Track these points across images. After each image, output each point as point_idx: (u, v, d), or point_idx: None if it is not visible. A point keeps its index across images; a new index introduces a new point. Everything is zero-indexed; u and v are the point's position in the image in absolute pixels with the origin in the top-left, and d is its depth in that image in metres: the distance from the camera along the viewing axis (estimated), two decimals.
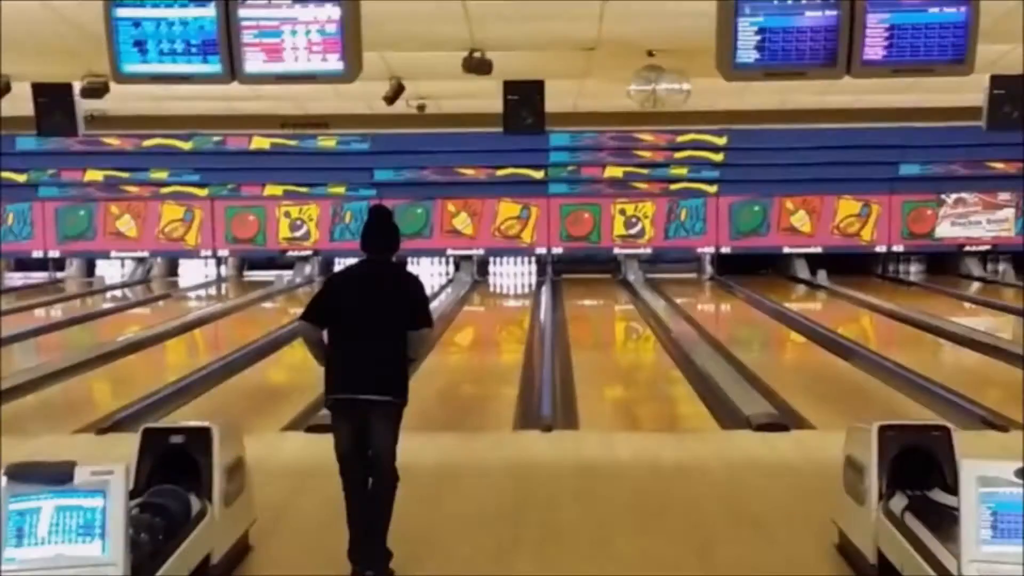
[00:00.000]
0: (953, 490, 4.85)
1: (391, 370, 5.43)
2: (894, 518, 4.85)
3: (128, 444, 5.45)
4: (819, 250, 22.15)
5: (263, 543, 5.78)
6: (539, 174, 21.98)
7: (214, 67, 6.13)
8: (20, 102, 11.25)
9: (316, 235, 22.56)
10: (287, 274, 22.37)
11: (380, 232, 5.65)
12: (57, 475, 3.98)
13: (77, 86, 10.80)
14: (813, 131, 18.61)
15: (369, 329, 5.41)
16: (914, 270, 23.14)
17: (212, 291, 21.86)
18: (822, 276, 21.22)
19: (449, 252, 22.51)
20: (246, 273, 23.54)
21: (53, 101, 10.83)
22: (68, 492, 3.95)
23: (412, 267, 22.88)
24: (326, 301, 5.55)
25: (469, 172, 22.04)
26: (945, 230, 22.12)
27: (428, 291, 19.61)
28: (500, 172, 21.91)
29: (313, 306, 5.55)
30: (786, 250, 22.34)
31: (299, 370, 13.26)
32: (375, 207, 5.82)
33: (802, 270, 22.08)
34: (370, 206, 6.02)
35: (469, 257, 22.52)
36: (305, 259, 22.80)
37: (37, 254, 22.81)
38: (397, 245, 5.69)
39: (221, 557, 5.16)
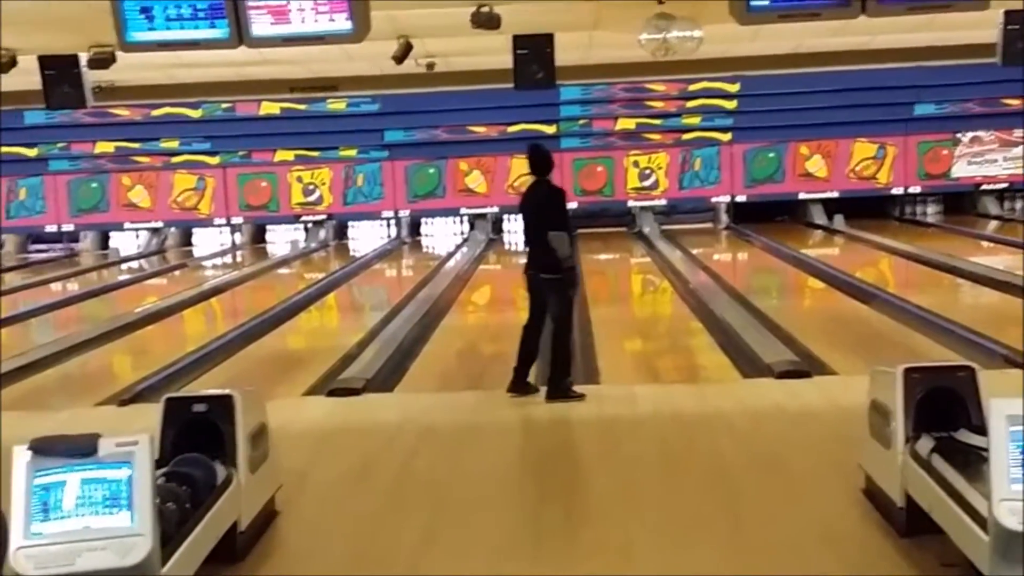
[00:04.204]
0: (979, 430, 4.83)
1: (552, 256, 7.71)
2: (921, 460, 4.82)
3: (150, 415, 5.44)
4: (835, 195, 22.04)
5: (290, 508, 5.78)
6: (551, 129, 21.87)
7: (221, 31, 6.09)
8: (27, 76, 11.19)
9: (329, 199, 22.53)
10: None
11: (533, 162, 8.01)
12: (81, 448, 3.96)
13: (84, 57, 10.74)
14: (826, 74, 18.42)
15: (530, 231, 7.98)
16: (931, 211, 22.99)
17: (228, 259, 21.86)
18: (839, 221, 21.11)
19: (463, 211, 22.46)
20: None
21: (60, 73, 10.75)
22: (93, 464, 3.93)
23: (426, 227, 22.92)
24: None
25: (480, 130, 21.96)
26: (961, 169, 21.98)
27: (443, 251, 19.76)
28: (511, 129, 21.82)
29: None
30: (802, 196, 22.24)
31: (317, 335, 13.31)
32: (530, 144, 8.23)
33: (819, 215, 21.97)
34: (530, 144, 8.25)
35: (483, 215, 22.46)
36: (320, 223, 22.78)
37: (51, 228, 22.84)
38: (548, 169, 7.98)
39: (249, 523, 5.16)
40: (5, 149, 22.04)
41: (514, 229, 22.31)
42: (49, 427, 4.98)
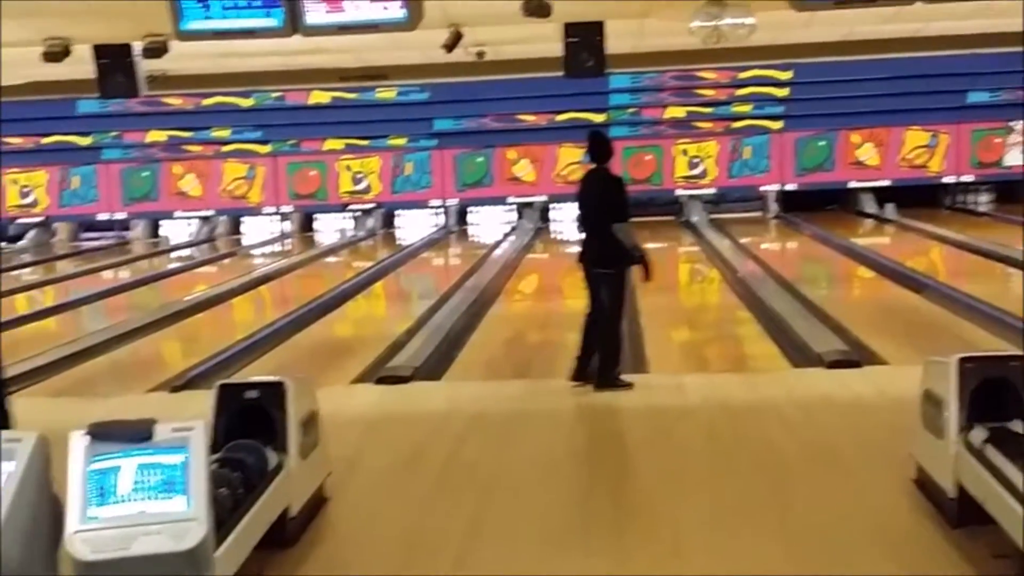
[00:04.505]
0: None
1: (606, 248, 7.71)
2: (975, 451, 4.77)
3: (201, 401, 5.49)
4: (887, 183, 21.81)
5: (340, 494, 5.82)
6: (600, 117, 21.76)
7: (276, 20, 6.12)
8: (81, 65, 11.32)
9: (378, 188, 22.59)
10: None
11: (592, 149, 7.83)
12: (137, 433, 4.01)
13: (137, 46, 10.85)
14: (879, 62, 18.25)
15: (587, 221, 7.93)
16: (983, 200, 22.70)
17: (277, 247, 22.00)
18: (890, 210, 20.91)
19: (511, 200, 22.45)
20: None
21: (114, 62, 10.87)
22: (149, 449, 3.97)
23: (474, 215, 22.92)
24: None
25: (529, 118, 21.93)
26: (1014, 158, 21.69)
27: (491, 240, 19.76)
28: (560, 117, 21.77)
29: None
30: (852, 184, 22.04)
31: (365, 324, 13.37)
32: (591, 131, 8.05)
33: (869, 204, 21.78)
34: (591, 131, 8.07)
35: (531, 204, 22.44)
36: (368, 212, 22.85)
37: (103, 216, 23.07)
38: (607, 157, 7.81)
39: (299, 509, 5.21)
40: (58, 138, 22.31)
41: (561, 218, 22.26)
42: (101, 413, 5.03)
